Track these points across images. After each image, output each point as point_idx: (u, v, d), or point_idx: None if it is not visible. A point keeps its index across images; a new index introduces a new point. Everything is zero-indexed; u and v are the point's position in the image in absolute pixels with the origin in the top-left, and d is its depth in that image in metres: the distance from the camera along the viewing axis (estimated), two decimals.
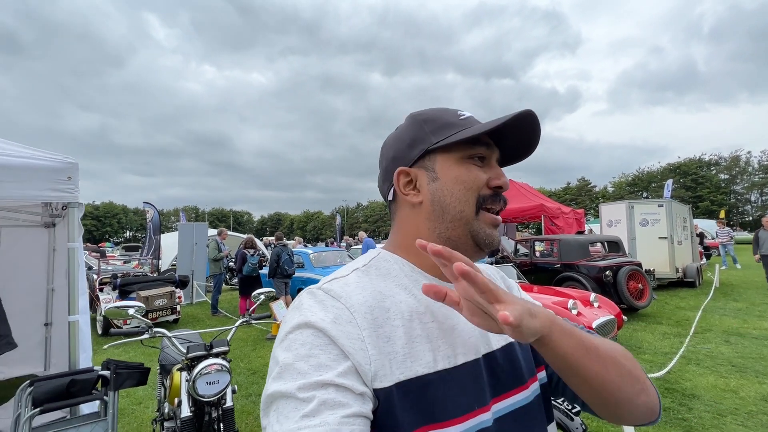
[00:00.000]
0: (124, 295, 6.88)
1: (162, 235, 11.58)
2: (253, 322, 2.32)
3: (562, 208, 11.97)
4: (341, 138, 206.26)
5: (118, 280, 7.07)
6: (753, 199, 51.27)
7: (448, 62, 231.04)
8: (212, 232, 11.23)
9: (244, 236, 11.16)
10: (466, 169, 0.60)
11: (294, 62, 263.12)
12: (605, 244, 8.44)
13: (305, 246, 15.23)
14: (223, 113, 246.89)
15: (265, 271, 8.21)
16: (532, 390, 0.61)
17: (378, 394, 0.48)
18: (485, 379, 0.56)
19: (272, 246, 8.13)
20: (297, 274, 8.31)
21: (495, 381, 0.58)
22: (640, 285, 6.91)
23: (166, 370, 2.44)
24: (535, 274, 8.06)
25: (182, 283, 7.72)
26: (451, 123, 0.61)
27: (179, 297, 7.48)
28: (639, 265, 7.46)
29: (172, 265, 11.65)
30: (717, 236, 14.92)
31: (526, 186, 12.70)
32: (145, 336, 1.91)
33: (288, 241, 8.95)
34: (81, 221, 2.49)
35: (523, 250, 9.31)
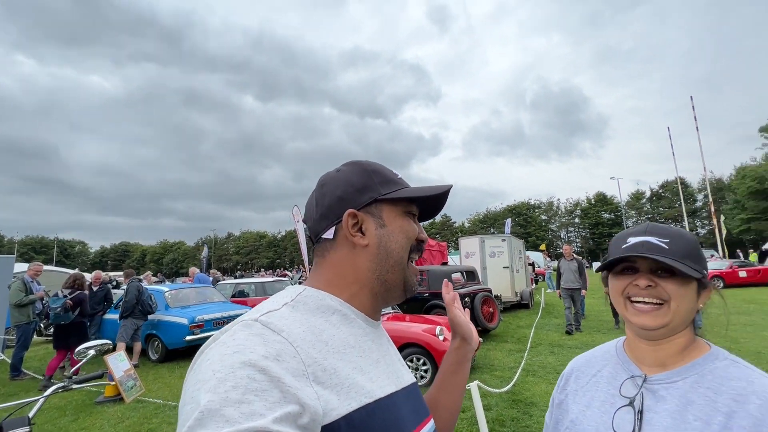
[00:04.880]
0: None
1: None
2: (75, 386, 1.80)
3: (428, 241, 13.23)
4: (209, 161, 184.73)
5: None
6: (563, 235, 66.00)
7: (325, 96, 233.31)
8: (24, 267, 8.65)
9: (71, 272, 9.01)
10: (407, 222, 0.68)
11: (149, 70, 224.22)
12: (464, 273, 9.58)
13: (161, 282, 13.06)
14: (47, 118, 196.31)
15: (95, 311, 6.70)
16: (432, 424, 0.68)
17: (326, 429, 0.47)
18: (409, 409, 0.62)
19: (130, 281, 6.80)
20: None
21: (415, 410, 0.64)
22: (491, 309, 7.98)
23: None
24: (408, 303, 8.55)
25: None
26: (393, 180, 0.70)
27: None
28: (490, 291, 8.66)
29: None
30: (544, 265, 18.79)
31: None
32: None
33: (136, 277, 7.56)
34: None
35: None
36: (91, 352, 1.87)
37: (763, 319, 8.33)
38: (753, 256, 26.34)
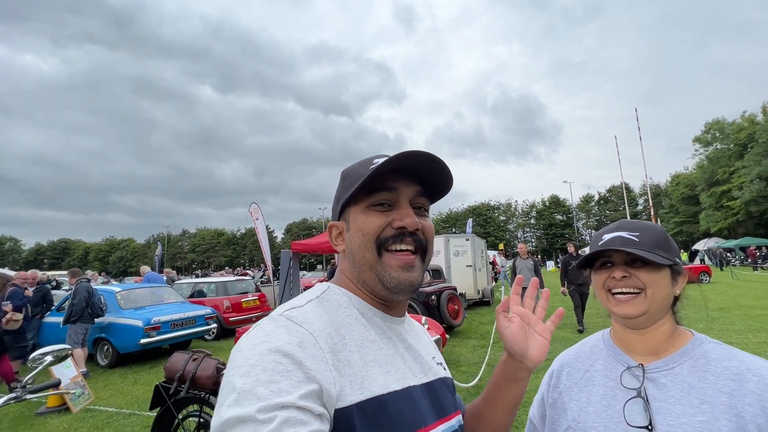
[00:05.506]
0: None
1: None
2: (29, 396, 1.64)
3: None
4: (161, 153, 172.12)
5: None
6: (519, 235, 69.13)
7: (288, 91, 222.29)
8: None
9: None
10: (366, 216, 0.65)
11: (95, 53, 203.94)
12: (430, 271, 9.75)
13: (107, 282, 12.15)
14: None
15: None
16: (458, 420, 0.70)
17: (339, 413, 0.52)
18: (429, 403, 0.64)
19: (78, 281, 6.27)
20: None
21: (437, 405, 0.65)
22: (456, 306, 8.20)
23: None
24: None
25: None
26: (361, 175, 0.64)
27: None
28: (454, 289, 8.89)
29: None
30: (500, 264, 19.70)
31: None
32: None
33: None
34: None
35: None
36: (48, 358, 1.70)
37: (695, 313, 9.12)
38: (684, 256, 29.13)
